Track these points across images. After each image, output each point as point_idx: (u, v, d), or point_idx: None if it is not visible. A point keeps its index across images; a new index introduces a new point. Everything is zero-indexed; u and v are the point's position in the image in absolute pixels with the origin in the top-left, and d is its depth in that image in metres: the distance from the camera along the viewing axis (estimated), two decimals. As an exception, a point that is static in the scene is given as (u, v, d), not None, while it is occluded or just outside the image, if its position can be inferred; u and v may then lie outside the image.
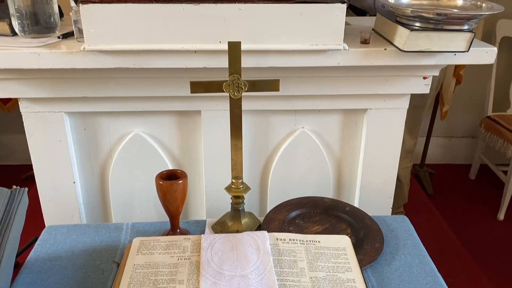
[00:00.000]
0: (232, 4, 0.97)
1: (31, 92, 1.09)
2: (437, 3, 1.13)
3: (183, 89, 1.12)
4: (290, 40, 1.01)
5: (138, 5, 0.95)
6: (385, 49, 1.05)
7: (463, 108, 2.71)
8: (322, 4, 0.98)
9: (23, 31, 1.06)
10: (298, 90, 1.15)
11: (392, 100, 1.19)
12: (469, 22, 0.99)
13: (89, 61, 0.99)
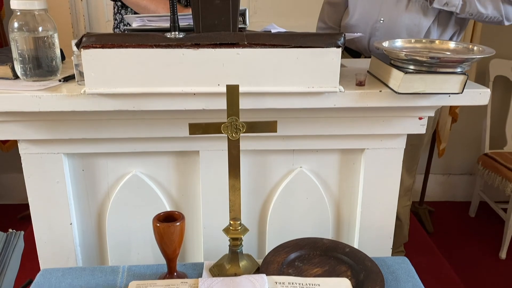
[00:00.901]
0: (230, 49, 1.00)
1: (31, 133, 1.10)
2: (430, 46, 1.17)
3: (181, 130, 1.13)
4: (287, 83, 1.03)
5: (138, 50, 0.97)
6: (380, 91, 1.07)
7: (460, 145, 2.72)
8: (317, 49, 1.01)
9: (25, 75, 1.08)
10: (296, 130, 1.17)
11: (388, 140, 1.20)
12: (462, 65, 1.01)
13: (89, 103, 1.01)
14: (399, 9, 1.53)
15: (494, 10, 1.46)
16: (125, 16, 1.26)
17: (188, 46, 0.98)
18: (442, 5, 1.45)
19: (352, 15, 1.64)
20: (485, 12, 1.46)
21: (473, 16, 1.49)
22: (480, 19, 1.51)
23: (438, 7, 1.46)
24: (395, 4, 1.53)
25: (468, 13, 1.47)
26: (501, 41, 2.45)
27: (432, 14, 1.51)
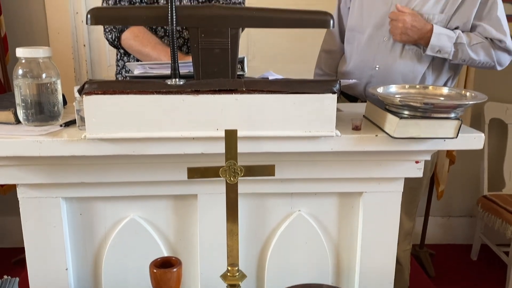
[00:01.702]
0: (229, 95, 1.02)
1: (30, 178, 1.10)
2: (423, 91, 1.19)
3: (180, 173, 1.14)
4: (284, 127, 1.05)
5: (139, 96, 0.99)
6: (376, 135, 1.09)
7: (459, 187, 2.72)
8: (314, 95, 1.03)
9: (27, 120, 1.10)
10: (294, 174, 1.17)
11: (386, 184, 1.20)
12: (455, 111, 1.03)
13: (90, 148, 1.02)
14: (393, 56, 1.57)
15: (486, 56, 1.51)
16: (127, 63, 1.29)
17: (188, 92, 1.01)
18: (435, 52, 1.50)
19: (348, 63, 1.68)
20: (477, 58, 1.50)
21: (465, 62, 1.53)
22: (473, 65, 1.56)
23: (431, 54, 1.51)
24: (390, 51, 1.58)
25: (461, 59, 1.52)
26: (495, 84, 2.50)
27: (426, 60, 1.56)
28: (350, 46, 1.69)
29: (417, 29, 1.48)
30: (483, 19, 1.50)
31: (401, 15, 1.48)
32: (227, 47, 1.04)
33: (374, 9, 1.59)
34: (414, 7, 1.52)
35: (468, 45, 1.49)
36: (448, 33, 1.49)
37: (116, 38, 1.44)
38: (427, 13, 1.51)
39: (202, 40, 1.03)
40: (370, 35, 1.61)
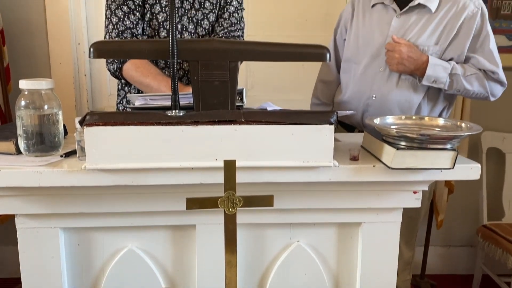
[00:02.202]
0: (228, 125, 1.03)
1: (29, 208, 1.11)
2: (420, 122, 1.21)
3: (178, 203, 1.14)
4: (283, 157, 1.06)
5: (140, 127, 1.01)
6: (373, 166, 1.10)
7: (458, 216, 2.71)
8: (311, 125, 1.05)
9: (28, 150, 1.11)
10: (292, 204, 1.18)
11: (385, 214, 1.21)
12: (451, 142, 1.05)
13: (89, 179, 1.03)
14: (390, 86, 1.60)
15: (480, 87, 1.54)
16: (128, 95, 1.32)
17: (187, 123, 1.02)
18: (431, 82, 1.53)
19: (345, 92, 1.71)
20: (471, 89, 1.53)
21: (460, 92, 1.56)
22: (467, 95, 1.58)
23: (427, 84, 1.54)
24: (386, 81, 1.60)
25: (456, 90, 1.55)
26: (491, 114, 2.53)
27: (422, 90, 1.58)
28: (347, 76, 1.72)
29: (413, 59, 1.52)
30: (476, 51, 1.54)
31: (397, 46, 1.52)
32: (227, 80, 1.06)
33: (371, 40, 1.63)
34: (410, 38, 1.56)
35: (462, 75, 1.52)
36: (443, 64, 1.52)
37: (118, 69, 1.46)
38: (422, 45, 1.55)
39: (202, 73, 1.05)
40: (366, 65, 1.64)
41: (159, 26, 1.47)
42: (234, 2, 1.57)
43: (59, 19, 2.36)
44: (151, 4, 1.47)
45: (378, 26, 1.61)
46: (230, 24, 1.54)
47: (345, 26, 1.73)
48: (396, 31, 1.57)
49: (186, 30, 1.50)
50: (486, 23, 1.54)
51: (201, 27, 1.51)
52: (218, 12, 1.55)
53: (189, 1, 1.50)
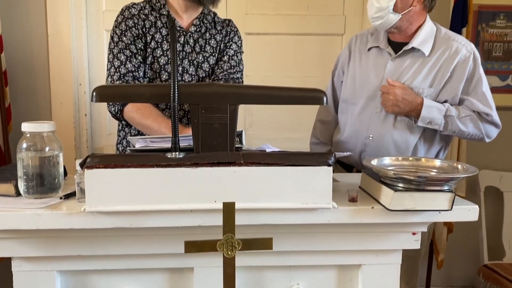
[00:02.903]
0: (227, 167, 1.04)
1: (26, 251, 1.10)
2: (416, 163, 1.23)
3: (176, 246, 1.13)
4: (281, 199, 1.07)
5: (140, 169, 1.02)
6: (372, 207, 1.10)
7: (459, 256, 2.68)
8: (309, 167, 1.06)
9: (27, 192, 1.11)
10: (292, 246, 1.17)
11: (384, 256, 1.20)
12: (448, 183, 1.06)
13: (88, 221, 1.03)
14: (386, 126, 1.63)
15: (474, 129, 1.56)
16: (128, 138, 1.33)
17: (187, 165, 1.03)
18: (426, 124, 1.56)
19: (342, 132, 1.73)
20: (466, 130, 1.56)
21: (455, 133, 1.59)
22: (462, 136, 1.61)
23: (422, 125, 1.56)
24: (383, 122, 1.63)
25: (451, 131, 1.57)
26: (487, 153, 2.55)
27: (418, 131, 1.61)
28: (344, 116, 1.75)
29: (408, 101, 1.55)
30: (470, 94, 1.57)
31: (391, 89, 1.55)
32: (226, 122, 1.08)
33: (367, 82, 1.67)
34: (405, 81, 1.59)
35: (457, 117, 1.55)
36: (438, 106, 1.55)
37: (119, 111, 1.49)
38: (417, 87, 1.59)
39: (202, 116, 1.07)
40: (363, 107, 1.67)
41: (161, 69, 1.51)
42: (234, 46, 1.61)
43: (61, 61, 2.41)
44: (153, 48, 1.51)
45: (374, 69, 1.66)
46: (230, 67, 1.58)
47: (343, 69, 1.78)
48: (391, 73, 1.61)
49: (186, 73, 1.53)
50: (479, 67, 1.59)
51: (202, 69, 1.55)
52: (218, 55, 1.59)
53: (190, 45, 1.55)
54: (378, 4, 1.55)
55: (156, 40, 1.51)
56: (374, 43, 1.68)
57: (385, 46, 1.65)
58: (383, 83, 1.61)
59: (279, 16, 2.53)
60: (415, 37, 1.59)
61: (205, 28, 1.58)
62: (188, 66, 1.53)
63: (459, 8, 2.28)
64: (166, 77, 1.50)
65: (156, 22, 1.53)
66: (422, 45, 1.59)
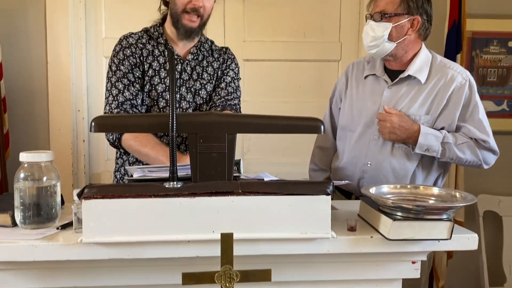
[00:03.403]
0: (225, 197, 1.04)
1: (21, 283, 1.08)
2: (415, 191, 1.22)
3: (174, 276, 1.11)
4: (280, 229, 1.06)
5: (138, 199, 1.01)
6: (371, 236, 1.09)
7: (459, 281, 2.65)
8: (308, 196, 1.06)
9: (24, 223, 1.10)
10: (290, 276, 1.16)
11: (384, 285, 1.18)
12: (447, 212, 1.05)
13: (85, 253, 1.02)
14: (384, 153, 1.63)
15: (472, 155, 1.57)
16: (126, 167, 1.33)
17: (185, 195, 1.03)
18: (424, 151, 1.56)
19: (341, 159, 1.74)
20: (464, 157, 1.56)
21: (453, 160, 1.59)
22: (461, 163, 1.61)
23: (419, 152, 1.57)
24: (381, 148, 1.63)
25: (449, 158, 1.58)
26: (485, 177, 2.55)
27: (416, 158, 1.61)
28: (342, 143, 1.76)
29: (405, 129, 1.56)
30: (466, 121, 1.59)
31: (388, 116, 1.56)
32: (224, 151, 1.09)
33: (364, 109, 1.68)
34: (402, 108, 1.61)
35: (454, 144, 1.55)
36: (435, 133, 1.56)
37: (117, 139, 1.49)
38: (414, 114, 1.60)
39: (201, 145, 1.07)
40: (360, 134, 1.68)
41: (158, 97, 1.52)
42: (231, 73, 1.63)
43: (60, 87, 2.43)
44: (151, 76, 1.53)
45: (370, 96, 1.67)
46: (227, 94, 1.60)
47: (340, 96, 1.79)
48: (388, 101, 1.63)
49: (184, 100, 1.55)
50: (475, 94, 1.60)
51: (199, 96, 1.57)
52: (215, 82, 1.61)
53: (188, 72, 1.56)
54: (373, 33, 1.57)
55: (153, 68, 1.53)
56: (370, 71, 1.70)
57: (381, 74, 1.67)
58: (380, 110, 1.63)
59: (276, 43, 2.56)
60: (411, 65, 1.61)
61: (202, 55, 1.61)
62: (185, 93, 1.54)
63: (453, 35, 2.32)
64: (164, 104, 1.51)
65: (154, 50, 1.55)
66: (418, 72, 1.61)
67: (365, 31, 1.61)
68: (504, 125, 2.51)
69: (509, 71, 2.53)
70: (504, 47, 2.51)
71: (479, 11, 2.47)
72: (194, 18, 1.48)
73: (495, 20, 2.48)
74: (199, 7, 1.47)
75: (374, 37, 1.57)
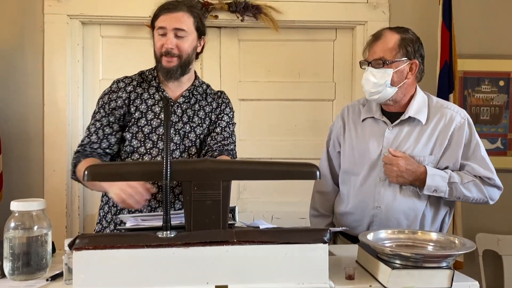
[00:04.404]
0: (219, 246, 1.02)
1: (7, 338, 1.04)
2: (413, 236, 1.21)
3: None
4: (276, 279, 1.03)
5: (130, 250, 0.99)
6: (370, 286, 1.07)
7: (461, 323, 2.58)
8: (305, 245, 1.04)
9: (13, 273, 1.07)
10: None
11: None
12: (446, 260, 1.03)
13: (74, 307, 0.98)
14: (393, 195, 1.60)
15: (478, 193, 1.56)
16: (119, 216, 1.31)
17: (178, 245, 1.01)
18: (431, 192, 1.55)
19: (347, 203, 1.69)
20: (470, 196, 1.56)
21: (460, 199, 1.58)
22: (468, 201, 1.60)
23: (428, 193, 1.56)
24: (389, 190, 1.60)
25: (456, 197, 1.57)
26: (482, 215, 2.53)
27: (424, 198, 1.60)
28: (347, 187, 1.71)
29: (412, 171, 1.55)
30: (469, 159, 1.59)
31: (395, 160, 1.56)
32: (219, 199, 1.07)
33: (366, 152, 1.66)
34: (406, 149, 1.60)
35: (460, 183, 1.55)
36: (441, 174, 1.56)
37: (73, 173, 1.51)
38: (418, 155, 1.59)
39: (195, 193, 1.06)
40: (365, 176, 1.65)
41: (145, 138, 1.53)
42: (225, 117, 1.63)
43: (56, 128, 2.43)
44: (137, 118, 1.54)
45: (371, 138, 1.66)
46: (223, 138, 1.59)
47: (338, 140, 1.76)
48: (390, 142, 1.62)
49: (172, 141, 1.54)
50: (474, 132, 1.62)
51: (188, 139, 1.57)
52: (209, 127, 1.61)
53: (177, 114, 1.57)
54: (374, 79, 1.58)
55: (141, 110, 1.55)
56: (367, 113, 1.69)
57: (380, 116, 1.67)
58: (383, 151, 1.62)
59: (271, 83, 2.60)
60: (410, 107, 1.62)
61: (195, 99, 1.62)
62: (173, 135, 1.55)
63: (444, 75, 2.36)
64: (151, 145, 1.52)
65: (143, 93, 1.58)
66: (418, 114, 1.61)
67: (366, 78, 1.60)
68: (499, 163, 2.51)
69: (502, 110, 2.56)
70: (495, 86, 2.55)
71: (469, 51, 2.53)
72: (171, 59, 1.52)
73: (486, 60, 2.53)
74: (171, 49, 1.51)
75: (376, 83, 1.58)
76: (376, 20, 2.50)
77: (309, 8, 2.48)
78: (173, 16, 1.51)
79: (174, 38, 1.51)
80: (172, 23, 1.50)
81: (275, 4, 2.46)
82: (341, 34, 2.60)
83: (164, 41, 1.51)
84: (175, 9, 1.52)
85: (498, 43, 2.55)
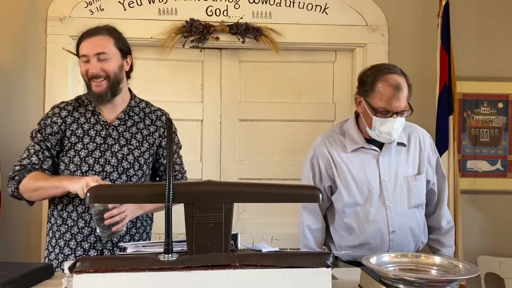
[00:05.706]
0: (221, 270, 1.01)
1: None
2: (416, 260, 1.20)
3: None
4: (279, 304, 1.02)
5: (132, 273, 0.98)
6: (374, 311, 1.05)
7: None
8: (307, 269, 1.03)
9: (11, 297, 1.05)
10: None
11: None
12: (450, 285, 1.02)
13: (73, 332, 0.96)
14: (404, 218, 1.65)
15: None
16: (121, 244, 1.30)
17: (180, 269, 1.00)
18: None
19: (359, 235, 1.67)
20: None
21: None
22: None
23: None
24: (398, 214, 1.64)
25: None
26: (483, 237, 2.52)
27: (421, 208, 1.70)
28: (354, 219, 1.68)
29: None
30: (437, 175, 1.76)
31: None
32: (221, 221, 1.06)
33: (365, 181, 1.65)
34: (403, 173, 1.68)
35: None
36: None
37: (16, 189, 1.53)
38: (411, 176, 1.68)
39: (197, 215, 1.05)
40: (373, 205, 1.64)
41: (81, 162, 1.55)
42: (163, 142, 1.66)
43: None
44: (74, 142, 1.56)
45: (367, 167, 1.66)
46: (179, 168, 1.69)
47: (328, 173, 1.72)
48: (387, 168, 1.66)
49: (108, 163, 1.56)
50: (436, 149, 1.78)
51: (126, 161, 1.58)
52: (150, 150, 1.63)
53: (113, 137, 1.58)
54: (401, 127, 1.63)
55: (77, 135, 1.57)
56: (354, 145, 1.68)
57: (368, 146, 1.69)
58: (382, 178, 1.65)
59: (272, 104, 2.61)
60: None
61: (132, 121, 1.63)
62: (110, 158, 1.56)
63: (444, 97, 2.38)
64: (87, 169, 1.54)
65: (80, 118, 1.60)
66: (401, 138, 1.69)
67: (395, 128, 1.60)
68: (499, 185, 2.51)
69: (501, 131, 2.57)
70: (494, 108, 2.57)
71: (468, 73, 2.55)
72: (100, 83, 1.53)
73: (484, 83, 2.56)
74: (96, 74, 1.52)
75: (400, 130, 1.64)
76: (375, 43, 2.53)
77: (309, 30, 2.52)
78: (93, 41, 1.55)
79: (97, 62, 1.54)
80: (92, 49, 1.54)
81: (276, 26, 2.49)
82: (340, 56, 2.63)
83: (88, 67, 1.54)
84: (94, 34, 1.56)
85: (497, 65, 2.58)
